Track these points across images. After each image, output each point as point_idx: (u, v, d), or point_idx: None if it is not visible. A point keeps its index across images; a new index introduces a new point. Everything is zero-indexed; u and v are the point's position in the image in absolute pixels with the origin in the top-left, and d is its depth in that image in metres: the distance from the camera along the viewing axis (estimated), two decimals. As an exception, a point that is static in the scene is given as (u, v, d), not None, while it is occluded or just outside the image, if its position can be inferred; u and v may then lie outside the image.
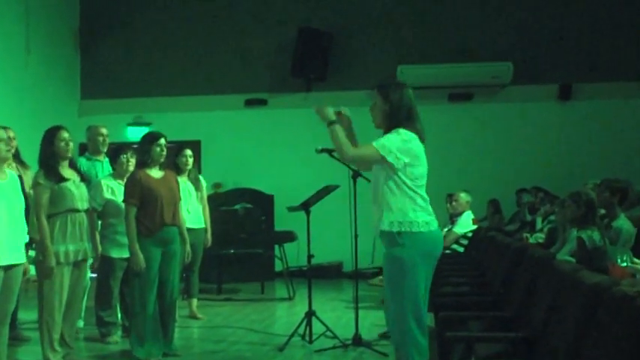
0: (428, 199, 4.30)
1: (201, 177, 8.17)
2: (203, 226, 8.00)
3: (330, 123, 4.33)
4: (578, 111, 11.83)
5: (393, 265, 4.23)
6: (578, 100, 11.85)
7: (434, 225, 4.27)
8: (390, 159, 4.15)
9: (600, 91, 11.73)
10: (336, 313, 8.27)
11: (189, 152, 7.89)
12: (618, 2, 11.81)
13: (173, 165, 7.60)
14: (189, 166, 7.89)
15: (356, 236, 6.31)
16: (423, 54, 12.05)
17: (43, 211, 5.52)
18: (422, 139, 4.31)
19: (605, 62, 11.76)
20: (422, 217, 4.20)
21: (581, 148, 11.71)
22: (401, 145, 4.17)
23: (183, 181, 7.59)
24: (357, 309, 6.56)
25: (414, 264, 4.16)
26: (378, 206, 4.28)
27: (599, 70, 11.77)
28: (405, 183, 4.20)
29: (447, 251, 8.61)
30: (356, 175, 6.13)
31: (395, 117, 4.26)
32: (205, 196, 8.14)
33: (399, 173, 4.19)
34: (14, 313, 6.23)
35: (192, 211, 7.79)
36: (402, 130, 4.22)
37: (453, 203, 9.26)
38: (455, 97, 12.08)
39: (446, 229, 8.88)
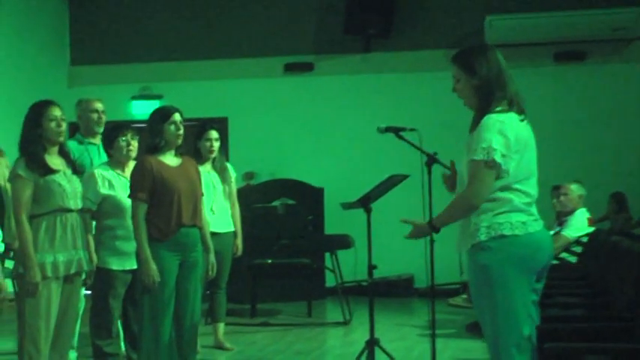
0: (534, 194, 4.34)
1: (229, 165, 8.21)
2: (232, 229, 8.05)
3: (433, 228, 4.45)
4: None
5: (478, 276, 4.30)
6: None
7: (534, 226, 4.29)
8: (498, 159, 4.18)
9: None
10: (405, 342, 8.30)
11: (215, 135, 7.91)
12: None
13: (193, 150, 7.65)
14: (215, 154, 7.93)
15: (432, 242, 6.24)
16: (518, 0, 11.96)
17: (24, 210, 5.56)
18: (520, 110, 4.35)
19: None
20: (516, 217, 4.24)
21: None
22: (500, 138, 4.21)
23: (206, 171, 7.64)
24: (433, 337, 6.51)
25: (503, 273, 4.19)
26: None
27: None
28: (502, 183, 4.23)
29: (554, 261, 8.52)
30: (431, 160, 6.05)
31: (486, 90, 4.34)
32: (235, 191, 8.18)
33: (501, 172, 4.22)
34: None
35: (218, 210, 7.84)
36: (492, 118, 4.25)
37: (561, 198, 9.16)
38: (562, 57, 12.00)
39: (552, 233, 8.81)
